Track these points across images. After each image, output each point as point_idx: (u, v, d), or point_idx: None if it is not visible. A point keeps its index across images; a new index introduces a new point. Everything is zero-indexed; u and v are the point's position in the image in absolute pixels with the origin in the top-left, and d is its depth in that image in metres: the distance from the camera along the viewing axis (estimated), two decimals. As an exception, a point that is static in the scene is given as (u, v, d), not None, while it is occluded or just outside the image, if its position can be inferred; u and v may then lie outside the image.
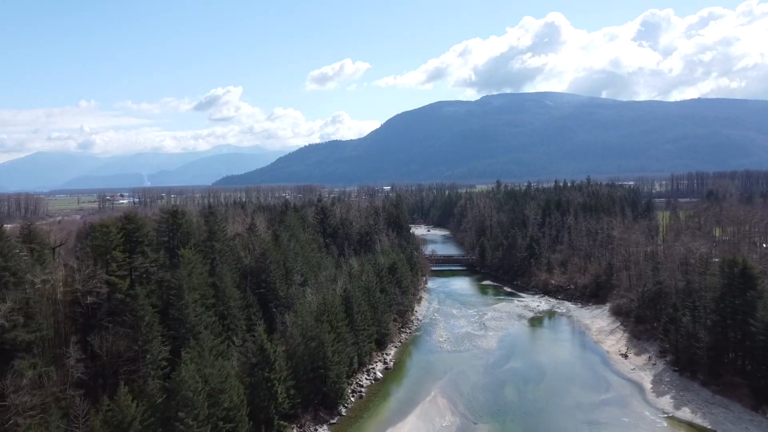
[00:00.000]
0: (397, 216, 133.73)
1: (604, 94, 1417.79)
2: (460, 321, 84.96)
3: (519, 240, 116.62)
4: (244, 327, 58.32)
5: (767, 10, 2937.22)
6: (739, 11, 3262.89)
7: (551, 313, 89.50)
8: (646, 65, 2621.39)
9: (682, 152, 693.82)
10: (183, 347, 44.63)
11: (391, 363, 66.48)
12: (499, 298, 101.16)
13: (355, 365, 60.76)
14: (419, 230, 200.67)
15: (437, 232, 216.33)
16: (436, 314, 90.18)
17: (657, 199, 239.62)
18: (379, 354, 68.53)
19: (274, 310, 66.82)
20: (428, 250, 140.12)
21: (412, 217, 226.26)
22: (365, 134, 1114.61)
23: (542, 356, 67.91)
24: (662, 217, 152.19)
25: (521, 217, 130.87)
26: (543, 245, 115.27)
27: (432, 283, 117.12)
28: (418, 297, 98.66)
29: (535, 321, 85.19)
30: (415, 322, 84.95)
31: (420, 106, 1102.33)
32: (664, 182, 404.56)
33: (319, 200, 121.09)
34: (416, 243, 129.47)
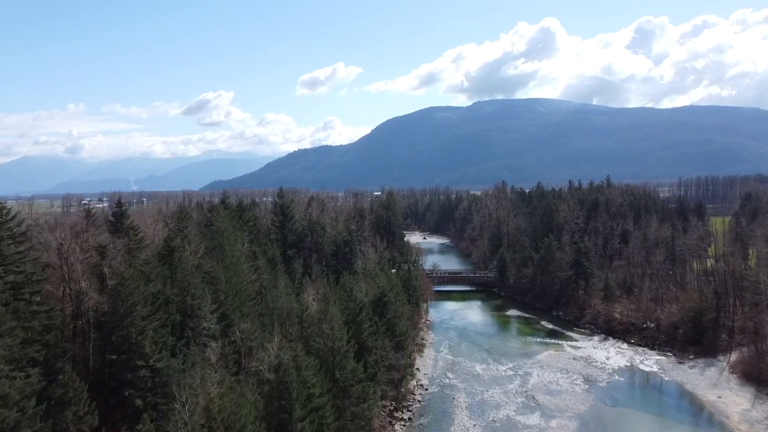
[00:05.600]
0: (387, 219, 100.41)
1: (595, 101, 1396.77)
2: (492, 391, 51.19)
3: (557, 253, 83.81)
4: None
5: (761, 18, 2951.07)
6: (733, 19, 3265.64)
7: (634, 373, 56.22)
8: (637, 72, 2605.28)
9: (676, 159, 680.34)
10: None
11: None
12: (540, 342, 67.65)
13: None
14: (414, 237, 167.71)
15: (435, 240, 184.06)
16: (449, 375, 56.32)
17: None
18: (353, 487, 34.67)
19: (139, 403, 33.28)
20: (427, 263, 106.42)
21: (405, 223, 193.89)
22: (356, 140, 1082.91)
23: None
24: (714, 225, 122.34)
25: (553, 221, 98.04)
26: (593, 260, 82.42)
27: (435, 312, 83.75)
28: (418, 341, 64.99)
29: (618, 391, 51.59)
30: (417, 393, 51.01)
31: (411, 111, 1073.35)
32: (666, 188, 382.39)
33: (280, 195, 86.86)
34: (414, 256, 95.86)
